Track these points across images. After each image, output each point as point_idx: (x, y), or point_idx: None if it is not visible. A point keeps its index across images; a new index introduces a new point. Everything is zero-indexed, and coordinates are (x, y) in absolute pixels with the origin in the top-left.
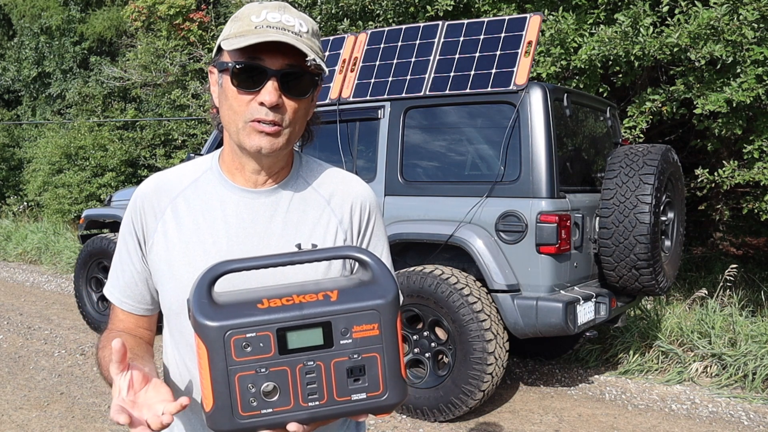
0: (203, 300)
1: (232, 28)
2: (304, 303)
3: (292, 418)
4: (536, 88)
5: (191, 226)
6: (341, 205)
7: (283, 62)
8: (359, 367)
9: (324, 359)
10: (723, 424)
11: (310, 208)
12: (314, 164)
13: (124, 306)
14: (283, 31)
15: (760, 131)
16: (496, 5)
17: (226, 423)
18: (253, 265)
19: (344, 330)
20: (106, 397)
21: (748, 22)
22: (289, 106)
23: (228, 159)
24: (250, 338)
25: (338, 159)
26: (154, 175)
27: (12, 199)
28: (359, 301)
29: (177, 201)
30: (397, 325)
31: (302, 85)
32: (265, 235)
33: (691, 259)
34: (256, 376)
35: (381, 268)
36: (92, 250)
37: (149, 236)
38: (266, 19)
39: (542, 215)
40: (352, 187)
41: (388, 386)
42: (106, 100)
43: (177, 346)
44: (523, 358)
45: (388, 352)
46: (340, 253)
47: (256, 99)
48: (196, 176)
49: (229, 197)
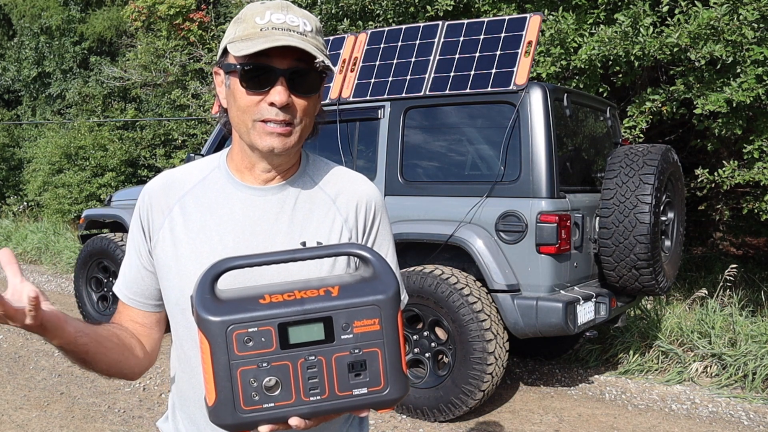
0: (206, 295)
1: (236, 30)
2: (305, 298)
3: (293, 412)
4: (536, 88)
5: (199, 223)
6: (347, 204)
7: (290, 62)
8: (360, 362)
9: (325, 354)
10: (723, 424)
11: (316, 206)
12: (321, 163)
13: (129, 302)
14: (289, 32)
15: (760, 131)
16: (496, 5)
17: (229, 417)
18: (255, 262)
19: (345, 325)
20: (106, 397)
21: (748, 22)
22: (298, 104)
23: (237, 158)
24: (251, 333)
25: (338, 159)
26: (163, 173)
27: (12, 199)
28: (360, 297)
29: (185, 198)
30: (398, 320)
31: (310, 83)
32: (272, 232)
33: (691, 259)
34: (258, 370)
35: (382, 264)
36: (92, 250)
37: (155, 232)
38: (271, 21)
39: (542, 215)
40: (358, 186)
41: (389, 381)
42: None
43: (182, 344)
44: (523, 358)
45: (389, 347)
46: (340, 250)
47: (266, 99)
48: (204, 174)
49: (237, 195)
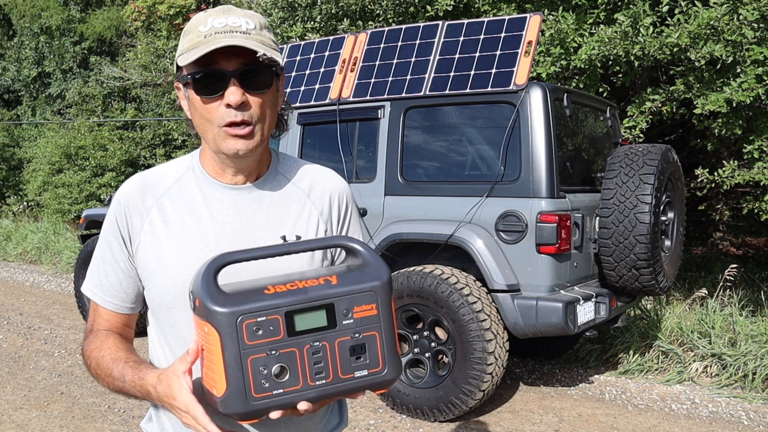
0: (212, 288)
1: (184, 42)
2: (308, 287)
3: (301, 397)
4: (536, 88)
5: (178, 223)
6: (320, 197)
7: (238, 62)
8: (360, 346)
9: (329, 339)
10: (723, 424)
11: (291, 201)
12: (290, 160)
13: (108, 306)
14: (231, 33)
15: (760, 131)
16: (496, 5)
17: (241, 405)
18: (254, 255)
19: (346, 311)
20: (106, 397)
21: (748, 22)
22: (254, 102)
23: (209, 163)
24: (260, 322)
25: (338, 159)
26: (136, 176)
27: (12, 199)
28: (358, 284)
29: (162, 200)
30: (391, 305)
31: (262, 80)
32: (252, 228)
33: (691, 259)
34: (268, 358)
35: (371, 253)
36: (92, 250)
37: (135, 236)
38: (213, 26)
39: (542, 215)
40: (328, 180)
41: (387, 362)
42: (106, 100)
43: (167, 342)
44: (523, 358)
45: (385, 331)
46: (333, 242)
47: (222, 102)
48: (178, 175)
49: (213, 194)
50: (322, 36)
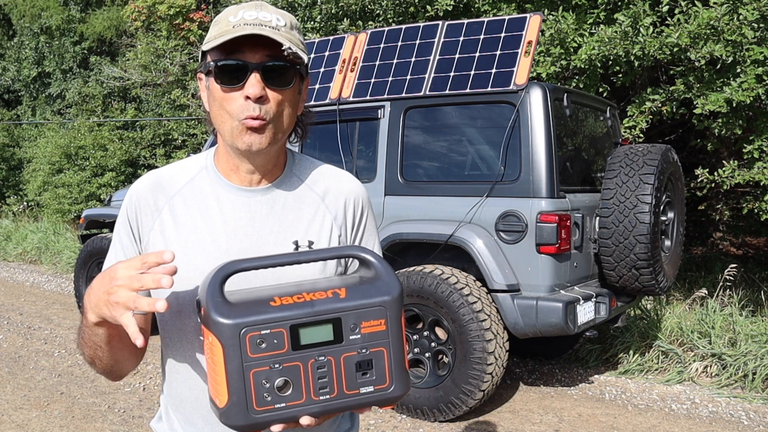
0: (217, 298)
1: (212, 32)
2: (315, 300)
3: (304, 411)
4: (536, 88)
5: (189, 225)
6: (335, 201)
7: (263, 55)
8: (367, 361)
9: (334, 354)
10: (723, 424)
11: (305, 205)
12: (307, 162)
13: None
14: (260, 26)
15: (760, 131)
16: (496, 5)
17: (242, 418)
18: (262, 264)
19: (353, 326)
20: (106, 397)
21: (748, 22)
22: (273, 98)
23: (223, 160)
24: (264, 335)
25: (338, 159)
26: (150, 173)
27: (12, 199)
28: (367, 298)
29: (174, 200)
30: (401, 320)
31: (285, 76)
32: (263, 233)
33: (691, 259)
34: (271, 371)
35: (384, 266)
36: (92, 250)
37: (145, 234)
38: (243, 18)
39: (542, 215)
40: (345, 184)
41: (394, 379)
42: (106, 100)
43: (175, 346)
44: (523, 358)
45: (394, 347)
46: (344, 252)
47: (242, 93)
48: (191, 175)
49: (226, 196)
50: (322, 36)
